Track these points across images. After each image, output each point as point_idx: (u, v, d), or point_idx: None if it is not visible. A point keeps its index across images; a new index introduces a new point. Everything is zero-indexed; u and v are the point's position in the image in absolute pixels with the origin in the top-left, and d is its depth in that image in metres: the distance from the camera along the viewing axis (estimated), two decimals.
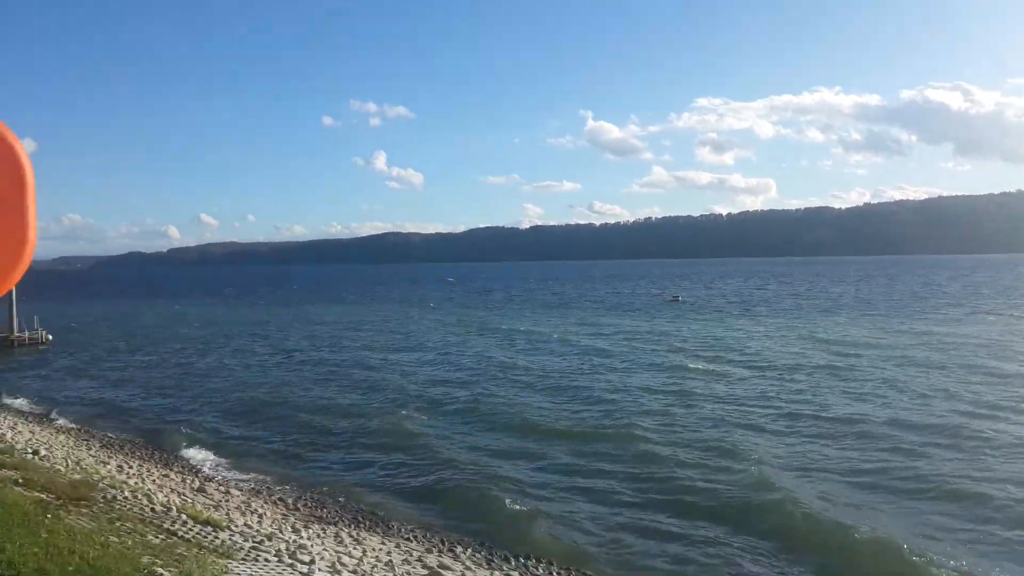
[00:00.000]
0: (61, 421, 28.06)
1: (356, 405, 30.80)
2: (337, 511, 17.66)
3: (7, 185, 3.20)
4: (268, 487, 19.50)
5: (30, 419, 27.37)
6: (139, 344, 56.29)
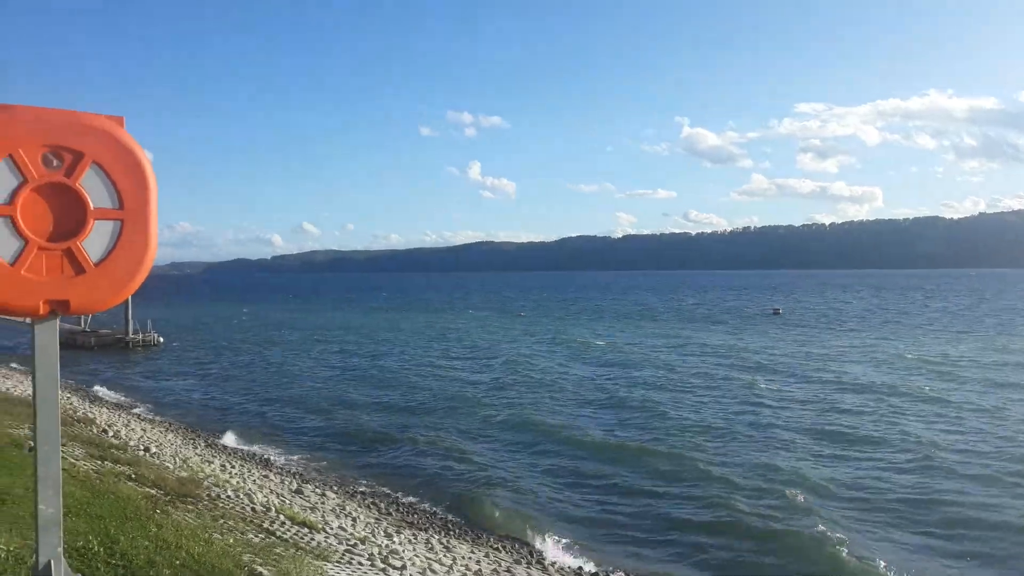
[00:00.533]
0: (169, 420, 29.39)
1: (441, 413, 31.15)
2: (427, 517, 17.89)
3: (134, 197, 3.35)
4: (361, 491, 19.90)
5: (141, 417, 28.85)
6: (242, 347, 58.76)
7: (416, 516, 17.82)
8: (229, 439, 26.01)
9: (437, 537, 15.81)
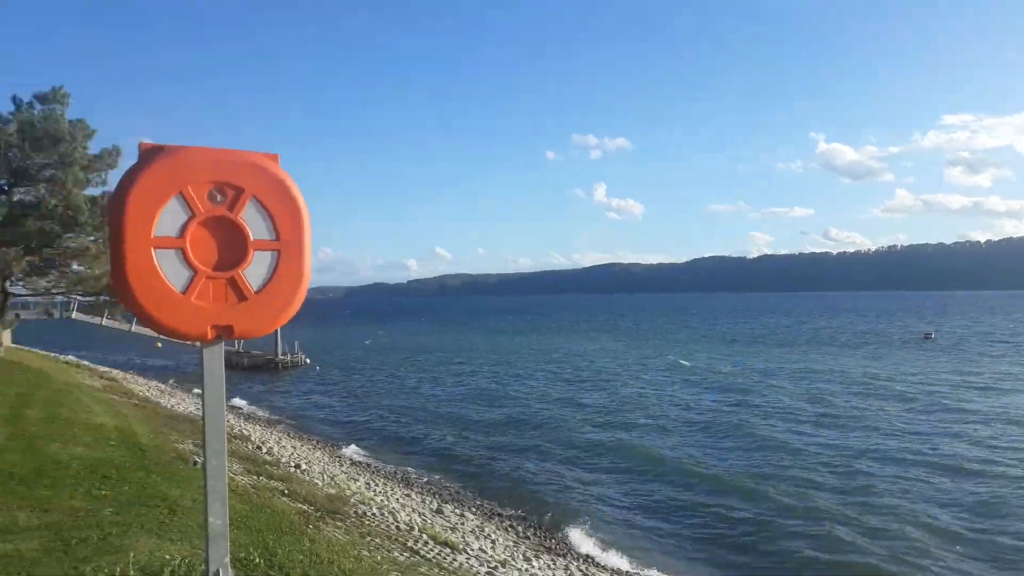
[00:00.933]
0: (316, 437, 30.73)
1: (571, 438, 30.93)
2: (565, 543, 17.71)
3: (289, 229, 3.57)
4: (498, 513, 20.01)
5: (290, 434, 30.30)
6: (379, 367, 60.91)
7: (554, 542, 17.67)
8: (370, 457, 27.00)
9: (576, 564, 15.62)
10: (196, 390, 40.24)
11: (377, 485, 20.36)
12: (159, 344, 58.62)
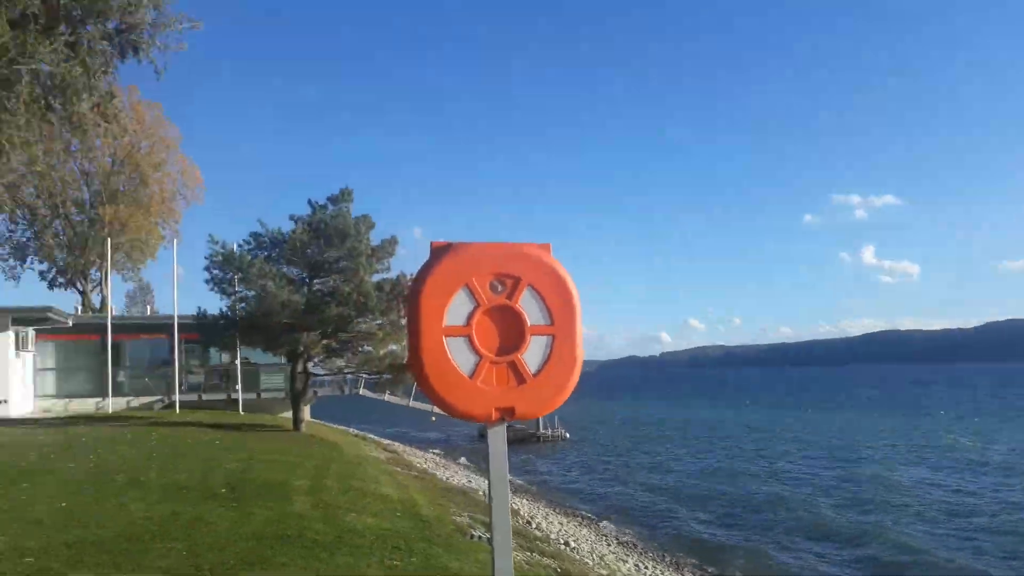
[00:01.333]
0: (581, 514, 30.46)
1: (849, 520, 28.13)
2: None
3: (562, 314, 3.79)
4: None
5: (556, 510, 30.54)
6: (635, 442, 60.13)
7: None
8: (632, 536, 26.33)
9: None
10: (462, 459, 42.57)
11: (647, 568, 19.74)
12: (433, 418, 62.87)
